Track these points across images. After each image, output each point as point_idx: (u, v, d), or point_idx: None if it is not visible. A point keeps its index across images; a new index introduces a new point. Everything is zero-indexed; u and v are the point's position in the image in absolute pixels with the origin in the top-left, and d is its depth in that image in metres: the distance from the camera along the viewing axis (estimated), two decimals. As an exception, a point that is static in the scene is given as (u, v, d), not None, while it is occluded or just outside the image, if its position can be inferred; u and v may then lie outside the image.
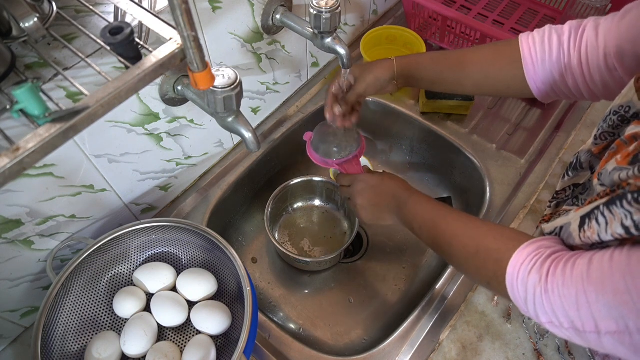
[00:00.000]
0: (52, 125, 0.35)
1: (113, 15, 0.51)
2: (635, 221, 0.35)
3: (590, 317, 0.37)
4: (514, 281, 0.45)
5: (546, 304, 0.41)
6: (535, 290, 0.42)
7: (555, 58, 0.56)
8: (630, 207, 0.36)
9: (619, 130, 0.48)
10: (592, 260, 0.38)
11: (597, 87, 0.54)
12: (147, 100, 0.67)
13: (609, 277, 0.36)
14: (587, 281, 0.38)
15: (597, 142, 0.51)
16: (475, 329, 0.70)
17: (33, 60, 0.51)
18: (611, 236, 0.37)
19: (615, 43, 0.50)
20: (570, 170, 0.55)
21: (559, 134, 0.92)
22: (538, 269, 0.42)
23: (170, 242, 0.74)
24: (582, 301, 0.38)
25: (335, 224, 0.96)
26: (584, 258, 0.39)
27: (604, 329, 0.37)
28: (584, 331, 0.38)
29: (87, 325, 0.68)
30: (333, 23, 0.69)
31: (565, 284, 0.39)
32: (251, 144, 0.62)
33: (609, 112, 0.48)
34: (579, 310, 0.38)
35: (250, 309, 0.61)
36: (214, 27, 0.70)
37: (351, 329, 0.84)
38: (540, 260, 0.43)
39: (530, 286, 0.43)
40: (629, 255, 0.35)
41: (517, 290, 0.45)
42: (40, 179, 0.59)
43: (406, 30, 1.02)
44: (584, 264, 0.39)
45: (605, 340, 0.37)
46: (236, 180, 0.88)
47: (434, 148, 0.98)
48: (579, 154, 0.54)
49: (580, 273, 0.38)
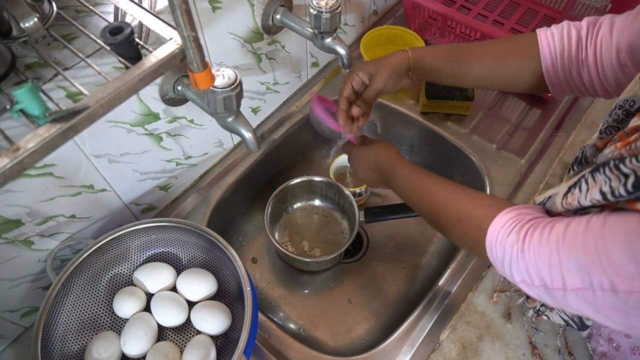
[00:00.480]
0: (52, 125, 0.35)
1: (113, 15, 0.51)
2: (612, 187, 0.36)
3: (560, 274, 0.39)
4: (493, 244, 0.47)
5: (521, 263, 0.43)
6: (513, 251, 0.44)
7: (573, 52, 0.56)
8: (610, 173, 0.37)
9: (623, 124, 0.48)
10: (570, 224, 0.40)
11: (609, 84, 0.54)
12: (147, 100, 0.67)
13: (582, 238, 0.38)
14: (561, 242, 0.39)
15: (602, 136, 0.51)
16: (475, 329, 0.70)
17: (33, 60, 0.51)
18: (589, 202, 0.39)
19: (628, 39, 0.50)
20: (575, 164, 0.56)
21: (559, 134, 0.92)
22: (517, 232, 0.44)
23: (170, 242, 0.74)
24: (555, 260, 0.39)
25: (335, 223, 0.96)
26: (562, 222, 0.41)
27: (570, 285, 0.38)
28: (552, 288, 0.40)
29: (87, 325, 0.68)
30: (333, 23, 0.69)
31: (541, 244, 0.41)
32: (251, 144, 0.62)
33: (615, 106, 0.48)
34: (550, 268, 0.40)
35: (250, 309, 0.61)
36: (214, 27, 0.70)
37: (351, 329, 0.84)
38: (520, 225, 0.44)
39: (507, 247, 0.44)
40: (604, 220, 0.37)
41: (496, 252, 0.46)
42: (40, 179, 0.59)
43: (406, 30, 1.02)
44: (562, 226, 0.40)
45: (570, 297, 0.39)
46: (236, 180, 0.88)
47: (434, 148, 0.98)
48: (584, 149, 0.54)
49: (557, 235, 0.40)
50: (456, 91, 0.93)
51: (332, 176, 0.95)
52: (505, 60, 0.63)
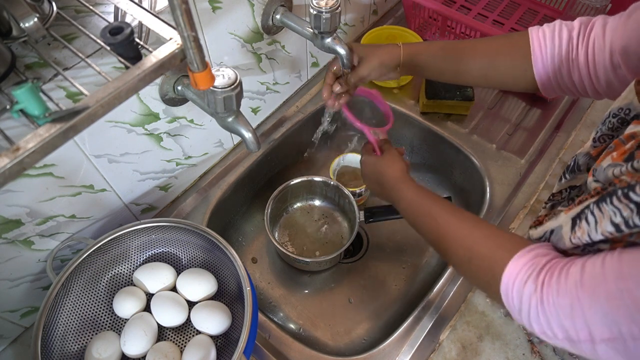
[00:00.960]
0: (52, 125, 0.35)
1: (113, 15, 0.51)
2: (625, 217, 0.34)
3: (584, 325, 0.37)
4: (509, 291, 0.44)
5: (541, 315, 0.40)
6: (531, 301, 0.41)
7: (564, 52, 0.56)
8: (619, 203, 0.35)
9: (618, 132, 0.47)
10: (585, 266, 0.37)
11: (600, 85, 0.54)
12: (147, 100, 0.67)
13: (602, 282, 0.35)
14: (580, 288, 0.37)
15: (596, 144, 0.50)
16: (475, 329, 0.70)
17: (33, 60, 0.51)
18: (601, 235, 0.37)
19: (621, 42, 0.50)
20: (567, 172, 0.55)
21: (559, 134, 0.92)
22: (534, 280, 0.41)
23: (170, 242, 0.74)
24: (577, 309, 0.37)
25: (335, 224, 0.96)
26: (577, 265, 0.38)
27: (598, 336, 0.36)
28: (578, 340, 0.38)
29: (87, 325, 0.68)
30: (333, 23, 0.69)
31: (559, 293, 0.39)
32: (251, 144, 0.62)
33: (608, 114, 0.48)
34: (573, 319, 0.37)
35: (250, 309, 0.61)
36: (214, 27, 0.70)
37: (351, 329, 0.84)
38: (536, 271, 0.42)
39: (525, 297, 0.42)
40: (620, 258, 0.35)
41: (512, 300, 0.44)
42: (40, 179, 0.59)
43: (406, 30, 1.02)
44: (577, 271, 0.38)
45: (599, 349, 0.36)
46: (236, 180, 0.88)
47: (434, 148, 0.98)
48: (577, 157, 0.54)
49: (574, 281, 0.38)
50: (456, 91, 0.93)
51: (332, 176, 0.95)
52: (498, 59, 0.62)
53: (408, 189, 0.63)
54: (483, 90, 1.01)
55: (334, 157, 0.97)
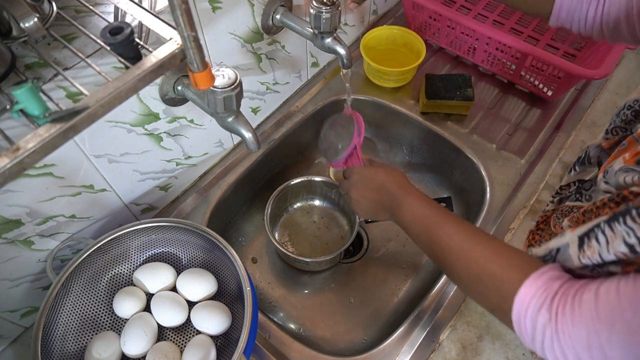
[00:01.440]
0: (52, 125, 0.35)
1: (113, 15, 0.51)
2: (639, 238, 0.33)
3: (603, 358, 0.35)
4: (522, 318, 0.42)
5: (556, 346, 0.38)
6: (545, 331, 0.39)
7: None
8: (633, 223, 0.34)
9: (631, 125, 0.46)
10: (599, 294, 0.36)
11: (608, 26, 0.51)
12: (147, 100, 0.67)
13: (619, 312, 0.34)
14: (597, 320, 0.35)
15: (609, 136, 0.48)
16: (475, 329, 0.70)
17: (33, 60, 0.51)
18: (614, 255, 0.35)
19: None
20: (577, 164, 0.53)
21: (559, 134, 0.92)
22: (547, 308, 0.39)
23: (170, 242, 0.74)
24: (594, 342, 0.35)
25: (335, 224, 0.96)
26: (590, 292, 0.37)
27: None
28: None
29: (87, 325, 0.68)
30: (333, 23, 0.69)
31: (574, 324, 0.37)
32: (251, 144, 0.62)
33: (624, 106, 0.46)
34: (590, 351, 0.35)
35: (250, 309, 0.61)
36: (214, 27, 0.70)
37: (351, 329, 0.84)
38: (550, 297, 0.40)
39: (539, 326, 0.40)
40: (635, 285, 0.33)
41: (525, 327, 0.41)
42: (40, 179, 0.59)
43: (406, 30, 1.02)
44: (591, 300, 0.36)
45: None
46: (236, 180, 0.88)
47: (434, 148, 0.98)
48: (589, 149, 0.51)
49: (589, 311, 0.36)
50: (456, 91, 0.93)
51: (332, 176, 0.95)
52: None
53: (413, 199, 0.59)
54: (483, 90, 1.01)
55: (334, 157, 0.97)
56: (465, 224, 0.53)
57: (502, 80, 1.03)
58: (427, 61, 1.07)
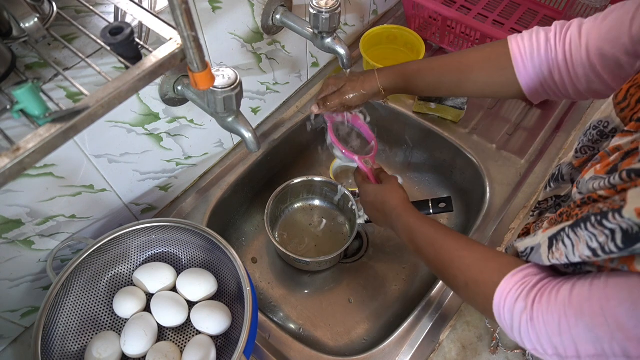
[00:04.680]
0: (52, 125, 0.35)
1: (113, 15, 0.51)
2: (601, 243, 0.35)
3: (571, 341, 0.38)
4: (501, 310, 0.45)
5: (531, 331, 0.42)
6: (522, 318, 0.42)
7: (543, 53, 0.56)
8: (594, 229, 0.36)
9: (598, 144, 0.48)
10: (575, 286, 0.39)
11: (581, 84, 0.54)
12: (147, 100, 0.67)
13: (587, 300, 0.37)
14: (568, 306, 0.38)
15: (578, 155, 0.51)
16: (475, 329, 0.70)
17: (33, 60, 0.51)
18: (579, 258, 0.38)
19: (596, 44, 0.50)
20: (552, 181, 0.56)
21: (559, 134, 0.92)
22: (524, 298, 0.43)
23: (170, 242, 0.74)
24: (564, 326, 0.38)
25: (335, 224, 0.96)
26: (568, 284, 0.40)
27: (584, 353, 0.37)
28: (566, 357, 0.39)
29: (87, 325, 0.68)
30: (333, 23, 0.69)
31: (549, 310, 0.40)
32: (251, 144, 0.62)
33: (589, 126, 0.49)
34: (561, 335, 0.38)
35: (250, 309, 0.62)
36: (214, 27, 0.70)
37: (351, 329, 0.84)
38: (527, 290, 0.43)
39: (516, 314, 0.43)
40: (606, 281, 0.36)
41: (504, 317, 0.45)
42: (40, 179, 0.59)
43: (406, 30, 1.02)
44: (567, 289, 0.39)
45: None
46: (236, 180, 0.88)
47: (434, 148, 0.98)
48: (561, 166, 0.54)
49: (563, 299, 0.39)
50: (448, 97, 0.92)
51: (332, 176, 0.95)
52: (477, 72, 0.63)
53: (409, 216, 0.64)
54: (483, 90, 1.01)
55: (334, 157, 0.97)
56: (454, 235, 0.57)
57: (502, 80, 1.03)
58: (427, 61, 1.07)
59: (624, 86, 0.44)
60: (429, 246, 0.58)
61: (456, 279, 0.53)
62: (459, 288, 0.53)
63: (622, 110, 0.44)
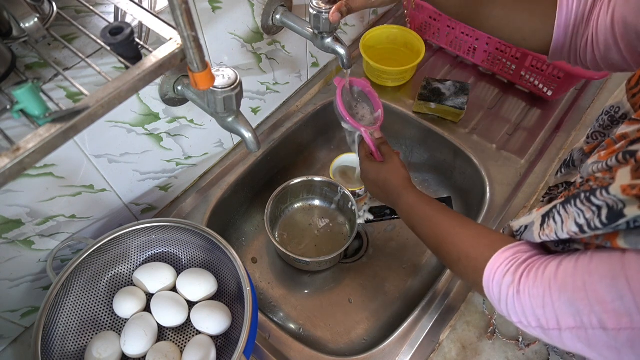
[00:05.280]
0: (52, 125, 0.35)
1: (113, 15, 0.51)
2: (588, 219, 0.36)
3: (553, 314, 0.39)
4: (490, 284, 0.47)
5: (517, 304, 0.43)
6: (509, 292, 0.44)
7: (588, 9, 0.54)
8: (582, 205, 0.37)
9: (609, 130, 0.48)
10: (562, 262, 0.40)
11: (599, 50, 0.53)
12: (147, 100, 0.67)
13: (572, 276, 0.38)
14: (553, 281, 0.39)
15: (589, 140, 0.51)
16: (475, 329, 0.70)
17: (33, 60, 0.51)
18: (567, 234, 0.39)
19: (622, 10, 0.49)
20: (563, 167, 0.56)
21: (559, 134, 0.92)
22: (513, 273, 0.44)
23: (170, 242, 0.74)
24: (548, 300, 0.39)
25: (335, 223, 0.96)
26: (555, 261, 0.41)
27: (564, 325, 0.38)
28: (548, 328, 0.40)
29: (87, 325, 0.68)
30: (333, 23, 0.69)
31: (535, 284, 0.41)
32: (251, 144, 0.62)
33: (602, 112, 0.48)
34: (544, 308, 0.40)
35: (250, 309, 0.62)
36: (214, 27, 0.70)
37: (351, 329, 0.84)
38: (516, 265, 0.44)
39: (503, 288, 0.44)
40: (591, 258, 0.37)
41: (492, 291, 0.46)
42: (40, 179, 0.59)
43: (406, 30, 1.02)
44: (554, 265, 0.40)
45: (565, 336, 0.39)
46: (236, 180, 0.88)
47: (434, 148, 0.98)
48: (573, 152, 0.54)
49: (549, 275, 0.40)
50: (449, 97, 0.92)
51: (332, 176, 0.95)
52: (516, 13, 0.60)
53: (409, 195, 0.65)
54: (483, 91, 1.01)
55: (334, 157, 0.97)
56: (451, 213, 0.59)
57: (502, 80, 1.03)
58: (427, 61, 1.07)
59: (638, 71, 0.44)
60: (426, 223, 0.60)
61: (450, 254, 0.55)
62: (452, 262, 0.55)
63: (633, 96, 0.44)
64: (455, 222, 0.57)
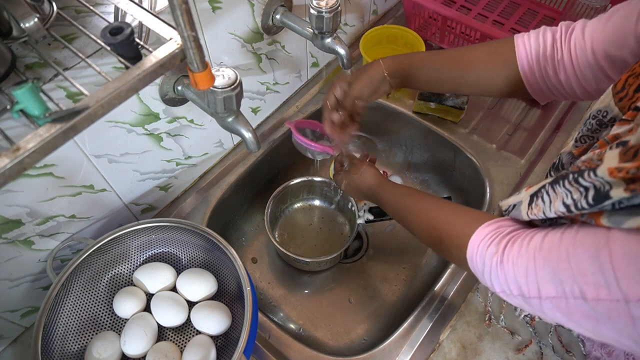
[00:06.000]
0: (52, 125, 0.35)
1: (113, 15, 0.51)
2: (575, 200, 0.37)
3: (535, 283, 0.40)
4: (473, 256, 0.48)
5: (500, 273, 0.44)
6: (492, 262, 0.45)
7: (549, 53, 0.56)
8: (570, 186, 0.38)
9: (597, 134, 0.49)
10: (547, 235, 0.41)
11: (590, 85, 0.54)
12: (147, 100, 0.67)
13: (557, 247, 0.39)
14: (538, 252, 0.40)
15: (578, 144, 0.52)
16: (475, 329, 0.70)
17: (33, 60, 0.51)
18: (554, 213, 0.40)
19: (602, 46, 0.50)
20: (552, 170, 0.57)
21: (559, 134, 0.92)
22: (496, 244, 0.45)
23: (170, 242, 0.74)
24: (531, 269, 0.41)
25: (335, 224, 0.96)
26: (541, 233, 0.42)
27: (545, 294, 0.39)
28: (529, 297, 0.41)
29: (87, 325, 0.68)
30: (333, 23, 0.69)
31: (520, 254, 0.42)
32: (251, 144, 0.62)
33: (589, 116, 0.49)
34: (527, 277, 0.41)
35: (250, 309, 0.62)
36: (214, 27, 0.70)
37: (351, 329, 0.84)
38: (499, 237, 0.46)
39: (487, 258, 0.46)
40: (577, 231, 0.38)
41: (476, 263, 0.48)
42: (40, 179, 0.59)
43: (406, 30, 1.02)
44: (540, 237, 0.41)
45: (545, 305, 0.40)
46: (236, 180, 0.88)
47: (434, 148, 0.98)
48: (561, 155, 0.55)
49: (534, 245, 0.41)
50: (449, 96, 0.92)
51: (332, 176, 0.95)
52: (482, 68, 0.63)
53: (384, 193, 0.69)
54: (483, 90, 1.01)
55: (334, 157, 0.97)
56: (428, 198, 0.63)
57: (502, 80, 1.03)
58: (427, 61, 1.07)
59: (623, 76, 0.45)
60: (407, 214, 0.63)
61: (432, 237, 0.57)
62: (435, 245, 0.57)
63: (620, 99, 0.44)
64: (433, 206, 0.60)
